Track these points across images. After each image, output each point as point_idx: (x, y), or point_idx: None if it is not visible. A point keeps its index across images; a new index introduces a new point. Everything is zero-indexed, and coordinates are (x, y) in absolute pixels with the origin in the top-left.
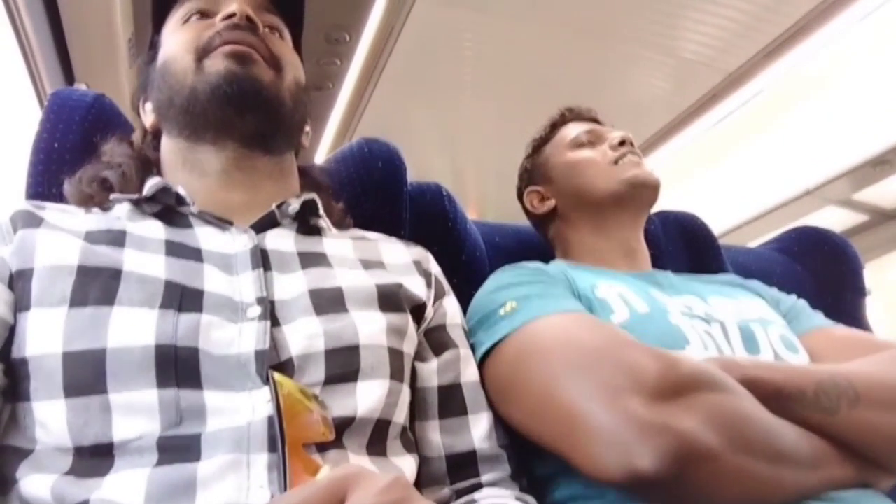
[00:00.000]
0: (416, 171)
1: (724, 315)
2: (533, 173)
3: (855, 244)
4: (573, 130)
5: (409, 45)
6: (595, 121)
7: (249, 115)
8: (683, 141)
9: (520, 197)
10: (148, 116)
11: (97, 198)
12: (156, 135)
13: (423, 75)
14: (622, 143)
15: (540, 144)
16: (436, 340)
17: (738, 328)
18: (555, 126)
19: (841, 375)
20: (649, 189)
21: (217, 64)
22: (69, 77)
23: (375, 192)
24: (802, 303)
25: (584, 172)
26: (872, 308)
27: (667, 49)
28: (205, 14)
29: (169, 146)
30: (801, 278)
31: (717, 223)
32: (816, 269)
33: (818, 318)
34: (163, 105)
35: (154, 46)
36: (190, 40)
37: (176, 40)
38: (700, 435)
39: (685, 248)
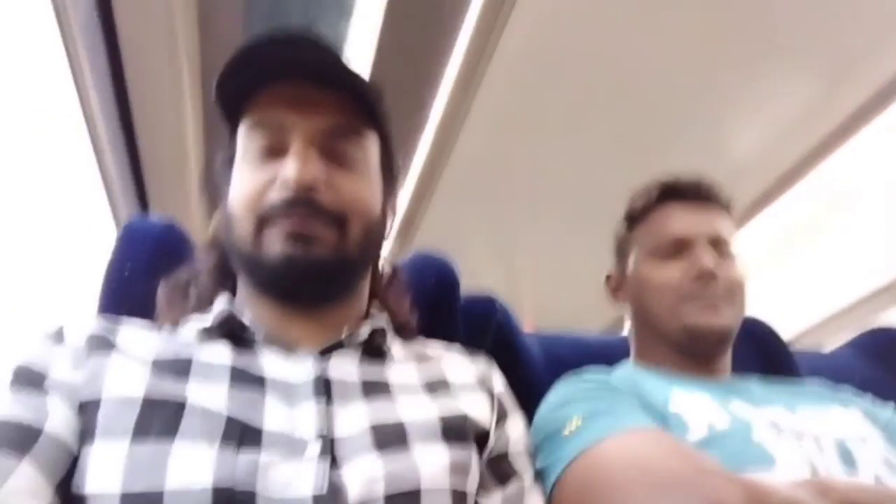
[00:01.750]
0: (471, 282)
1: (818, 429)
2: (621, 249)
3: None
4: (665, 225)
5: (462, 159)
6: (702, 198)
7: (312, 286)
8: (742, 242)
9: None
10: None
11: (179, 308)
12: None
13: (476, 188)
14: (700, 276)
15: (632, 221)
16: (499, 470)
17: (834, 443)
18: (648, 207)
19: None
20: (710, 342)
21: (275, 244)
22: (143, 204)
23: (429, 307)
24: None
25: (652, 297)
26: None
27: (714, 153)
28: (272, 151)
29: (240, 276)
30: (882, 383)
31: (785, 328)
32: None
33: None
34: (229, 248)
35: (231, 144)
36: (251, 201)
37: (239, 190)
38: None
39: (755, 354)
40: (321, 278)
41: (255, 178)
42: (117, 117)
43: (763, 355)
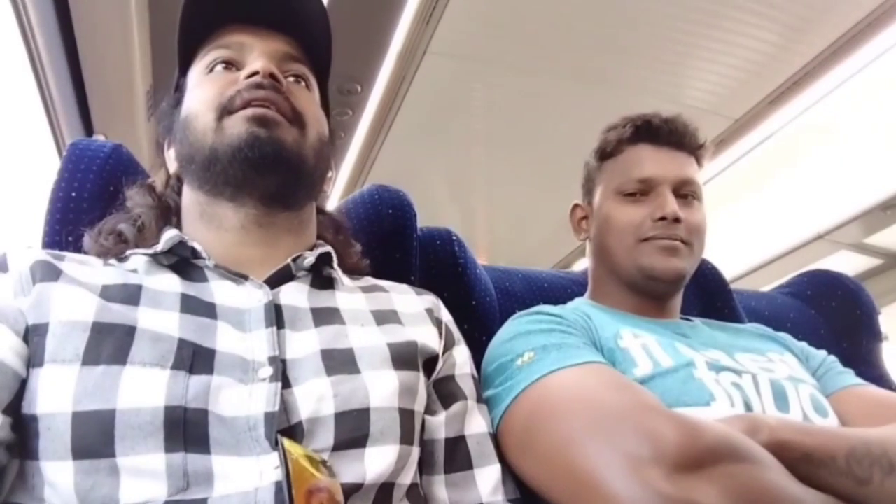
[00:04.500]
0: (427, 218)
1: (755, 370)
2: (589, 182)
3: (869, 289)
4: (634, 164)
5: (420, 95)
6: (675, 141)
7: (270, 176)
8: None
9: None
10: (171, 163)
11: (115, 250)
12: (179, 179)
13: (434, 124)
14: (662, 218)
15: (602, 155)
16: (444, 391)
17: (769, 384)
18: (621, 142)
19: (874, 442)
20: (663, 284)
21: (238, 126)
22: (88, 128)
23: (385, 238)
24: (832, 359)
25: (612, 235)
26: (889, 354)
27: (672, 97)
28: (230, 64)
29: (189, 197)
30: (815, 323)
31: (728, 269)
32: (831, 314)
33: (848, 378)
34: (183, 158)
35: (179, 89)
36: (212, 97)
37: (198, 95)
38: None
39: (696, 292)
40: (281, 164)
41: (216, 82)
42: (60, 39)
43: (706, 293)
